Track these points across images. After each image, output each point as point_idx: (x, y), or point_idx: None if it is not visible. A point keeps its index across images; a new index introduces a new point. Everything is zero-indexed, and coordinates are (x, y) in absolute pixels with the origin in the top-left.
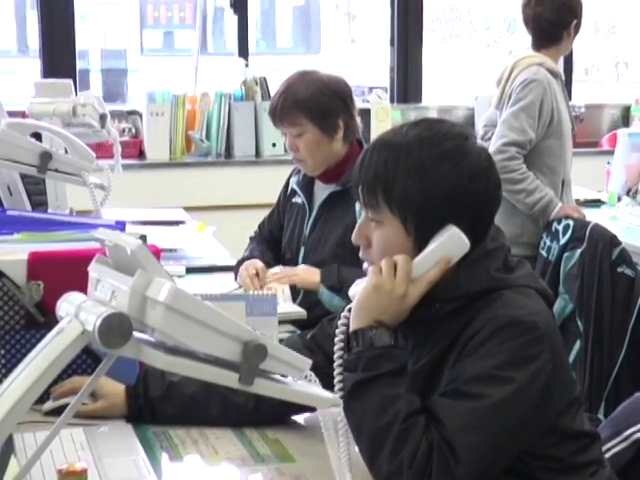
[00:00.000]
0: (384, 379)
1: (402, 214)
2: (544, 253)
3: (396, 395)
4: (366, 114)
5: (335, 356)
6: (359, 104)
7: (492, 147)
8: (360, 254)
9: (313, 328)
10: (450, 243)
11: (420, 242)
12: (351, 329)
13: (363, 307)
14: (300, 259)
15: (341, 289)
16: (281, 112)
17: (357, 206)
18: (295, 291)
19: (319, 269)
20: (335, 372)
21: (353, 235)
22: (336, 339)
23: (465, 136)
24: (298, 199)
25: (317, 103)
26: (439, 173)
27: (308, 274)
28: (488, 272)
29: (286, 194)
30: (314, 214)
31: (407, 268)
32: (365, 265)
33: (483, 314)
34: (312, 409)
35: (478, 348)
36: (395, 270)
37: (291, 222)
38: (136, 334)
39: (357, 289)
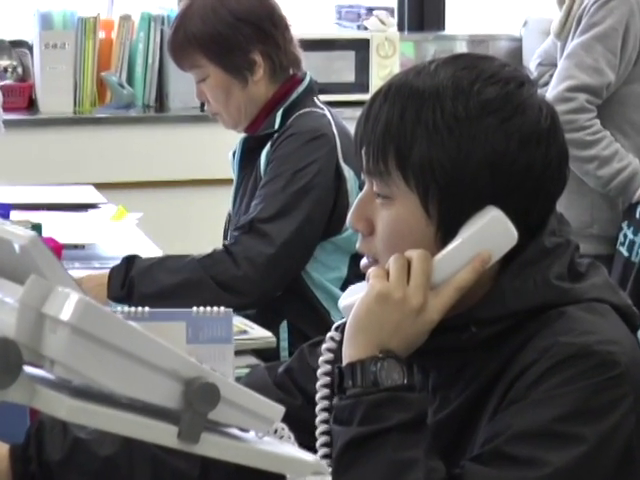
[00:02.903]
0: (393, 436)
1: (422, 187)
2: (624, 251)
3: (410, 460)
4: (364, 46)
5: (317, 396)
6: (353, 32)
7: (550, 93)
8: (358, 245)
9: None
10: (490, 232)
11: (446, 229)
12: (344, 360)
13: (362, 327)
14: None
15: (130, 295)
16: (173, 50)
17: (264, 152)
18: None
19: (110, 274)
20: (317, 419)
21: (349, 216)
22: (319, 371)
23: (521, 81)
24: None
25: (215, 36)
26: (479, 131)
27: (95, 289)
28: (547, 281)
29: None
30: (235, 181)
31: (425, 268)
32: (363, 261)
33: (537, 341)
34: (284, 477)
35: (529, 391)
36: (409, 272)
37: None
38: (28, 369)
39: (352, 300)
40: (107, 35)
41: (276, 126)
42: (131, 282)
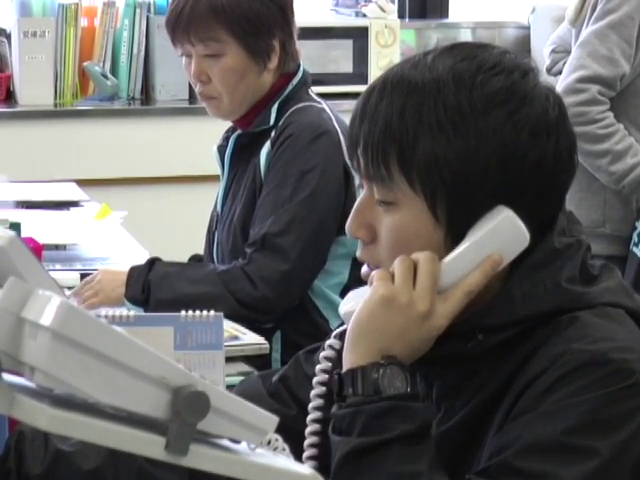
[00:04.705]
0: (395, 448)
1: (429, 190)
2: (639, 252)
3: (413, 474)
4: (361, 35)
5: (310, 406)
6: (351, 19)
7: (561, 84)
8: (358, 253)
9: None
10: (501, 233)
11: (455, 233)
12: (345, 366)
13: (364, 332)
14: (214, 256)
15: (147, 301)
16: (189, 20)
17: (264, 151)
18: None
19: (130, 273)
20: (307, 430)
21: (348, 223)
22: (315, 380)
23: (524, 70)
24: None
25: (247, 12)
26: (486, 126)
27: (111, 284)
28: (557, 284)
29: None
30: (224, 179)
31: (433, 271)
32: (364, 269)
33: (548, 349)
34: None
35: (539, 402)
36: (415, 275)
37: (214, 206)
38: (7, 377)
39: (353, 305)
40: (90, 23)
41: (271, 122)
42: (148, 286)
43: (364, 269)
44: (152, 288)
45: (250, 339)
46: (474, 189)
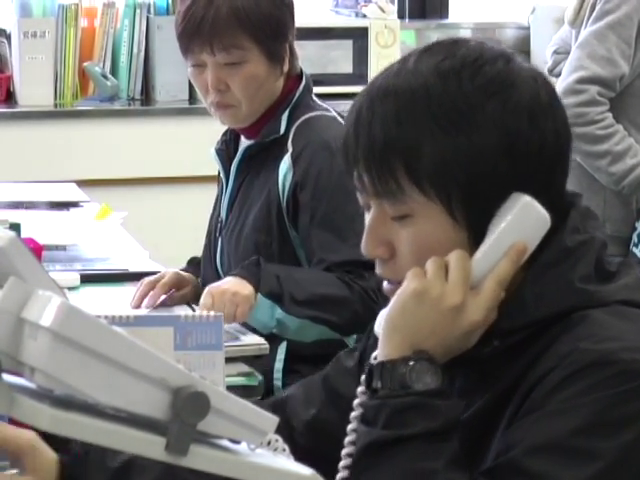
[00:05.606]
0: (414, 444)
1: (443, 194)
2: (639, 253)
3: (427, 471)
4: (362, 35)
5: (346, 440)
6: (351, 20)
7: (561, 85)
8: (378, 271)
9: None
10: (522, 221)
11: (477, 230)
12: (378, 358)
13: (397, 326)
14: (218, 262)
15: (282, 295)
16: (213, 29)
17: (283, 166)
18: None
19: (243, 274)
20: (340, 464)
21: (364, 243)
22: (349, 427)
23: (506, 58)
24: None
25: (268, 17)
26: (485, 118)
27: (237, 287)
28: (570, 284)
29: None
30: (230, 186)
31: (464, 266)
32: (386, 285)
33: (557, 347)
34: None
35: (547, 400)
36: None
37: (214, 209)
38: (6, 377)
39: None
40: (90, 23)
41: (282, 131)
42: (279, 281)
43: (386, 285)
44: (284, 284)
45: (250, 340)
46: (486, 183)
